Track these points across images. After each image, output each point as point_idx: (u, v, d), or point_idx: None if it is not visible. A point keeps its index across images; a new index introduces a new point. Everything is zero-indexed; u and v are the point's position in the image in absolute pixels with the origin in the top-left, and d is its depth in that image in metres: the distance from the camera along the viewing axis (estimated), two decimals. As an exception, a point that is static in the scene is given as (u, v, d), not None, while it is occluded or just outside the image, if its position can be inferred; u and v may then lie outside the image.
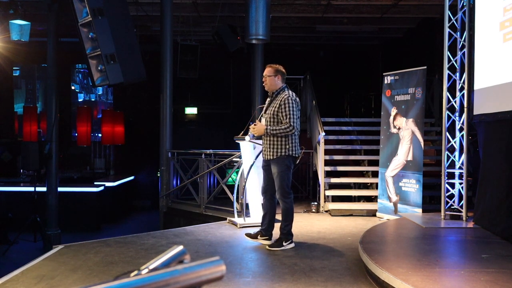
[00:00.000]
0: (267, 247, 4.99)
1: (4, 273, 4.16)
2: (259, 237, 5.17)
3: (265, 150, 4.94)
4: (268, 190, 5.07)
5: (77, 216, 10.11)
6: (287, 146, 4.81)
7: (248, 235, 5.26)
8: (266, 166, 5.01)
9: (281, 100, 4.79)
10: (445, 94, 6.05)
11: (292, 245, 5.04)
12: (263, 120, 4.95)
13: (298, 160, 5.00)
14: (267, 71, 4.95)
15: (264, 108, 5.03)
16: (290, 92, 4.90)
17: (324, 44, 13.57)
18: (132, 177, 13.33)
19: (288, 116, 4.72)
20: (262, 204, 5.34)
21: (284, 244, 4.97)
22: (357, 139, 9.15)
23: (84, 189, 10.63)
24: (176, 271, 0.87)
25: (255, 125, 4.93)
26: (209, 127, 13.79)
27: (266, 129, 4.79)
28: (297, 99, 4.90)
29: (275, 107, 4.82)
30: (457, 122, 6.05)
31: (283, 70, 4.98)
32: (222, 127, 12.89)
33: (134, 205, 13.37)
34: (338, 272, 4.15)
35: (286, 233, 5.01)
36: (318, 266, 4.33)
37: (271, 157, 4.86)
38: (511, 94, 4.88)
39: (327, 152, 8.06)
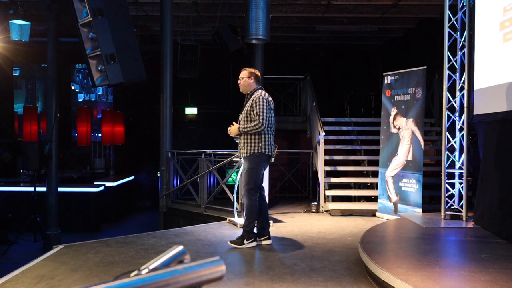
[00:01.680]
0: (228, 242, 5.07)
1: (4, 273, 4.16)
2: (258, 239, 5.18)
3: (240, 149, 5.07)
4: None
5: (77, 216, 10.10)
6: (260, 144, 4.92)
7: None
8: (243, 164, 5.14)
9: (253, 100, 4.95)
10: (445, 94, 6.05)
11: (254, 243, 5.06)
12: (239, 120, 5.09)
13: (273, 159, 5.11)
14: (242, 73, 5.14)
15: (242, 109, 5.14)
16: (263, 92, 5.05)
17: (324, 44, 13.57)
18: (132, 177, 13.32)
19: (258, 114, 4.86)
20: None
21: (245, 242, 5.02)
22: (357, 139, 9.16)
23: (84, 189, 10.62)
24: (176, 271, 0.87)
25: (231, 126, 5.08)
26: (209, 127, 13.78)
27: (239, 128, 4.96)
28: (270, 98, 5.04)
29: (249, 106, 4.97)
30: (457, 122, 6.05)
31: (258, 73, 5.16)
32: (222, 127, 12.83)
33: (134, 205, 13.37)
34: (338, 272, 4.15)
35: (248, 231, 5.05)
36: (318, 266, 4.33)
37: (245, 155, 4.99)
38: (511, 94, 4.89)
39: (327, 152, 8.07)
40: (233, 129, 5.05)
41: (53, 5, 8.53)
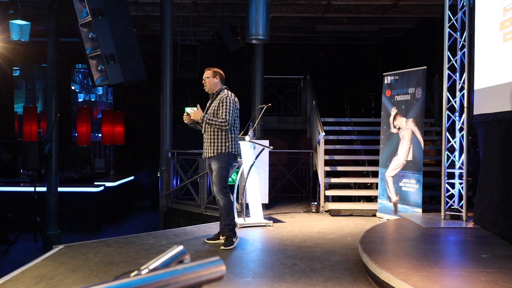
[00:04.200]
0: (221, 247, 5.03)
1: (4, 273, 4.16)
2: (221, 237, 5.22)
3: (206, 149, 5.06)
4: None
5: (77, 216, 10.09)
6: (227, 144, 4.95)
7: (210, 239, 5.32)
8: (209, 164, 5.11)
9: (220, 99, 4.98)
10: (445, 94, 6.05)
11: (238, 239, 5.16)
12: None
13: (239, 158, 5.14)
14: (206, 73, 5.14)
15: (206, 108, 5.15)
16: (229, 92, 5.09)
17: (324, 44, 13.56)
18: (132, 177, 13.31)
19: (225, 113, 4.89)
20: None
21: (234, 240, 5.06)
22: (357, 139, 9.16)
23: (84, 189, 10.61)
24: (176, 271, 0.87)
25: (195, 109, 5.02)
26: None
27: (203, 116, 4.93)
28: (236, 99, 5.09)
29: (215, 106, 4.99)
30: (457, 122, 6.05)
31: (222, 73, 5.19)
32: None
33: (134, 205, 13.35)
34: (338, 272, 4.15)
35: (232, 229, 5.08)
36: (318, 266, 4.33)
37: (212, 155, 4.99)
38: (511, 94, 4.88)
39: (327, 152, 8.07)
40: (195, 114, 5.00)
41: (53, 5, 8.53)
